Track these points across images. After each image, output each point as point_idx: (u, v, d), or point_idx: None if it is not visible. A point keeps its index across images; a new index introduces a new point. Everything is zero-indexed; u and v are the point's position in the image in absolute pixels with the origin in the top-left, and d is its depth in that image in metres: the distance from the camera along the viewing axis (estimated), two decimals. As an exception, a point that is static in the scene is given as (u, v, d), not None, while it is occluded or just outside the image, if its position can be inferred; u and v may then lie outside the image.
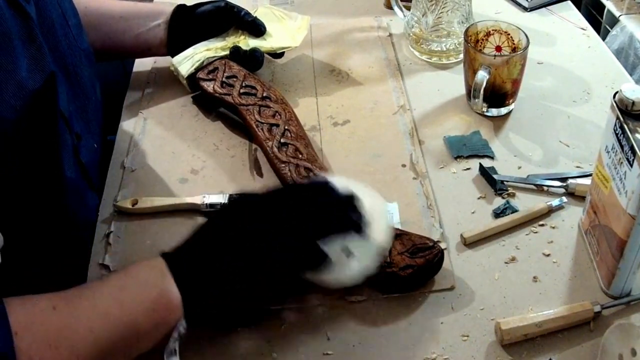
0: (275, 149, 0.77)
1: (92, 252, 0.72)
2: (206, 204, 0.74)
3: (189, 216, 0.75)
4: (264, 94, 0.84)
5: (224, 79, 0.87)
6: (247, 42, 0.91)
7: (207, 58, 0.89)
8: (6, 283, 0.61)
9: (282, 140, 0.78)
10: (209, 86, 0.87)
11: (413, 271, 0.64)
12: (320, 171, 0.74)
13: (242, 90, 0.85)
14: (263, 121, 0.81)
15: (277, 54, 0.95)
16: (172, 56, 0.91)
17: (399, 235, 0.66)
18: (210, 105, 0.90)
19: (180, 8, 0.90)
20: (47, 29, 0.68)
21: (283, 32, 0.95)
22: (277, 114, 0.82)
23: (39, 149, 0.65)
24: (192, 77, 0.89)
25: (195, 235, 0.58)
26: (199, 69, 0.89)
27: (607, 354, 0.58)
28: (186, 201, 0.75)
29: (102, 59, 0.87)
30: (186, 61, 0.89)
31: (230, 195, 0.75)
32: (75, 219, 0.73)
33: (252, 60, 0.89)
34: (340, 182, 0.62)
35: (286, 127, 0.79)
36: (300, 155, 0.76)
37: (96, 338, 0.50)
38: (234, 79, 0.87)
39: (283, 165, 0.75)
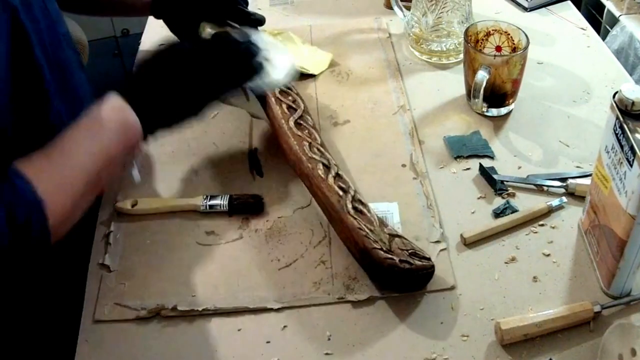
0: (292, 123, 0.78)
1: (92, 252, 0.72)
2: (205, 205, 0.74)
3: (188, 217, 0.75)
4: (296, 101, 0.84)
5: None
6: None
7: None
8: (5, 281, 0.61)
9: (298, 121, 0.78)
10: None
11: (410, 268, 0.64)
12: (330, 157, 0.75)
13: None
14: (284, 100, 0.81)
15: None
16: (156, 17, 0.92)
17: (401, 236, 0.67)
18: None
19: None
20: (27, 13, 0.68)
21: (305, 58, 0.97)
22: (295, 102, 0.82)
23: (30, 121, 0.69)
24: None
25: (139, 72, 0.68)
26: None
27: (607, 354, 0.58)
28: (185, 202, 0.75)
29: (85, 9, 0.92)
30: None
31: (231, 195, 0.75)
32: None
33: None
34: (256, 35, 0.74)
35: (304, 114, 0.80)
36: (316, 140, 0.76)
37: (87, 173, 0.59)
38: None
39: (296, 139, 0.76)
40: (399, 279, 0.64)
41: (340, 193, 0.69)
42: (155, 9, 0.92)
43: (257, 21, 0.90)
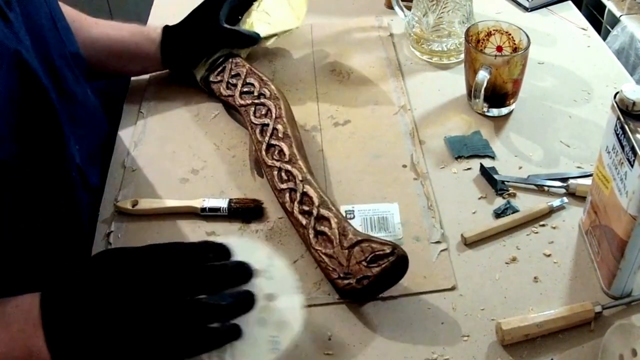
0: (264, 152, 0.77)
1: (92, 251, 0.72)
2: (205, 207, 0.74)
3: (188, 218, 0.75)
4: (260, 91, 0.85)
5: (229, 80, 0.88)
6: (252, 26, 0.93)
7: (217, 56, 0.91)
8: (6, 282, 0.61)
9: (270, 142, 0.78)
10: (218, 89, 0.88)
11: (369, 282, 0.62)
12: (298, 173, 0.73)
13: (243, 89, 0.86)
14: (257, 122, 0.81)
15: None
16: (170, 69, 0.93)
17: (360, 242, 0.65)
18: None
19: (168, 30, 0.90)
20: (34, 34, 0.68)
21: (287, 10, 0.95)
22: (268, 111, 0.81)
23: (45, 146, 0.66)
24: (207, 81, 0.90)
25: (76, 287, 0.52)
26: (211, 70, 0.90)
27: (608, 354, 0.58)
28: (185, 204, 0.75)
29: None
30: (200, 66, 0.91)
31: (230, 199, 0.75)
32: (64, 213, 0.72)
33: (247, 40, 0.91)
34: (249, 250, 0.56)
35: (274, 126, 0.79)
36: (284, 157, 0.75)
37: None
38: (237, 78, 0.88)
39: (268, 169, 0.75)
40: (365, 293, 0.64)
41: (304, 222, 0.69)
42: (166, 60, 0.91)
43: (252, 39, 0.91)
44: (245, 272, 0.54)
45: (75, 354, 0.51)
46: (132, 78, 0.98)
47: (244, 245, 0.56)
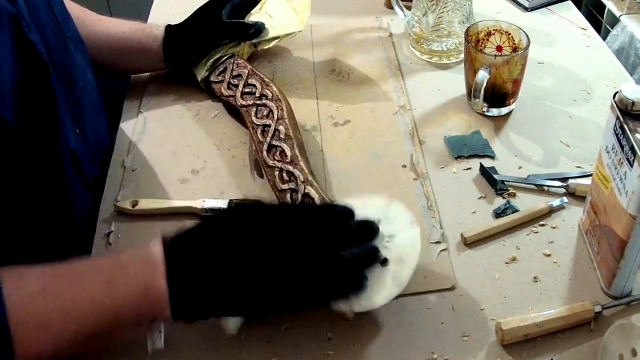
0: (265, 153, 0.77)
1: (92, 252, 0.72)
2: (205, 208, 0.74)
3: (188, 219, 0.75)
4: (262, 92, 0.85)
5: (230, 80, 0.88)
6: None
7: (219, 57, 0.91)
8: None
9: (272, 143, 0.78)
10: (219, 89, 0.88)
11: None
12: (300, 174, 0.73)
13: (245, 90, 0.86)
14: (258, 123, 0.81)
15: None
16: (171, 68, 0.92)
17: None
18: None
19: (171, 29, 0.91)
20: (33, 16, 0.68)
21: (290, 14, 0.95)
22: (270, 113, 0.82)
23: (39, 132, 0.66)
24: (208, 81, 0.90)
25: (199, 232, 0.57)
26: (212, 71, 0.90)
27: (608, 355, 0.58)
28: (185, 205, 0.75)
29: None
30: (201, 66, 0.91)
31: (231, 200, 0.75)
32: (57, 203, 0.72)
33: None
34: (364, 205, 0.62)
35: (276, 128, 0.79)
36: (285, 159, 0.75)
37: (82, 324, 0.52)
38: (239, 79, 0.88)
39: (269, 170, 0.75)
40: None
41: None
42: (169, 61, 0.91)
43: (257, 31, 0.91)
44: (371, 228, 0.59)
45: (196, 292, 0.54)
46: (133, 78, 0.98)
47: (364, 199, 0.64)
